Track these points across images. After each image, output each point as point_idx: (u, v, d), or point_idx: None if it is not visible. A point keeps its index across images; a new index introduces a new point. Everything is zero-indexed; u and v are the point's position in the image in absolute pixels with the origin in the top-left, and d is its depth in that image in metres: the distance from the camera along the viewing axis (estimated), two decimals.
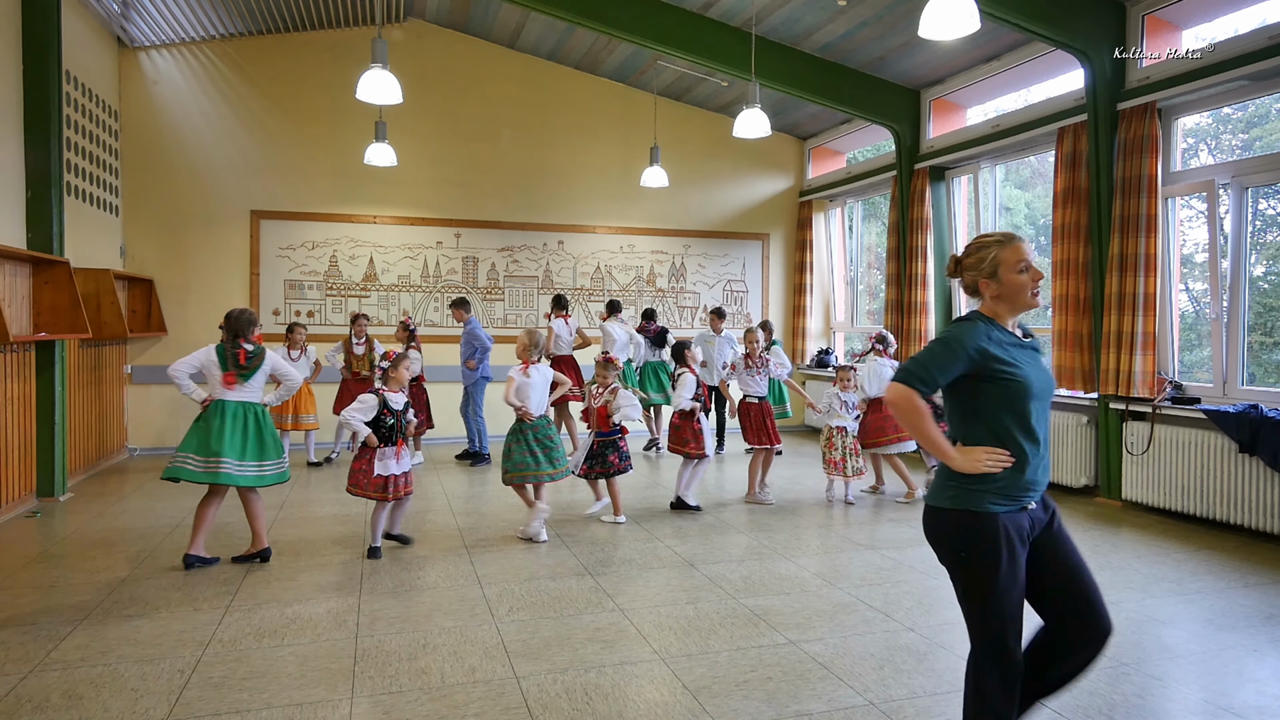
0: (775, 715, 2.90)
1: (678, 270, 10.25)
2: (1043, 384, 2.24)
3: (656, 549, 5.04)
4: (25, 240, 6.00)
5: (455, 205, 9.37)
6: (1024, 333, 2.33)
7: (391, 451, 4.72)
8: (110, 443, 7.83)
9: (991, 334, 2.22)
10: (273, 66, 8.72)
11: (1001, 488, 2.20)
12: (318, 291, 8.98)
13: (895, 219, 8.71)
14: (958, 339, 2.19)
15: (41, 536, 5.21)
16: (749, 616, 3.88)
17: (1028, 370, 2.21)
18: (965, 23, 4.04)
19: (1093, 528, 5.64)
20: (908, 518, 5.89)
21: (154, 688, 3.08)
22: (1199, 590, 4.31)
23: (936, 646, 3.53)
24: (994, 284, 2.25)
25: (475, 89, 9.36)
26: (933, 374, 2.20)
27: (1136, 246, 6.00)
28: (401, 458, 4.76)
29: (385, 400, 4.73)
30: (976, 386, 2.21)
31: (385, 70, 5.37)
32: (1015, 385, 2.18)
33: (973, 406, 2.25)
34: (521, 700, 2.99)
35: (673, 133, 9.86)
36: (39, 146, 6.03)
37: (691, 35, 7.63)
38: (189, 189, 8.53)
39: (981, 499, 2.20)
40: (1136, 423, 6.13)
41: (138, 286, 8.27)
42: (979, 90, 8.05)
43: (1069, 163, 6.58)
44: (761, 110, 6.24)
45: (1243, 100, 5.93)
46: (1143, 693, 3.10)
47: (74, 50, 6.90)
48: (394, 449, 4.72)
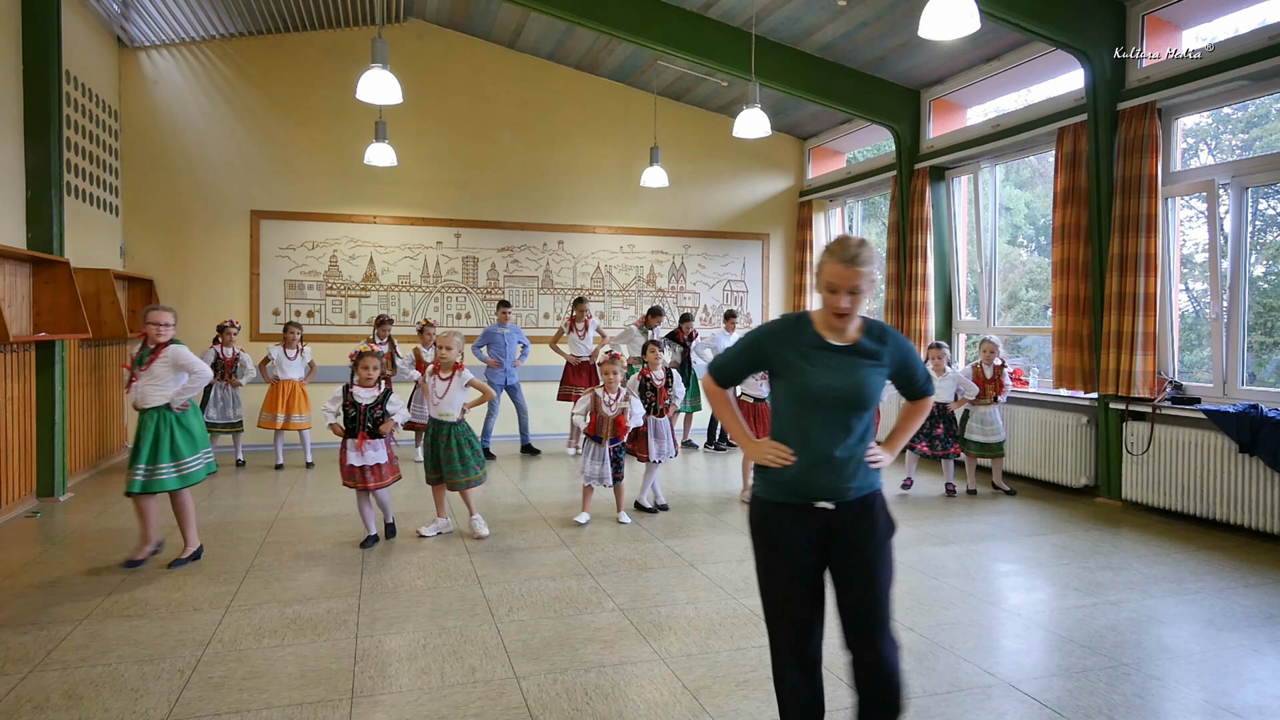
0: (775, 715, 2.89)
1: (678, 270, 10.25)
2: (831, 391, 2.20)
3: (656, 549, 5.04)
4: (25, 240, 6.00)
5: (455, 205, 9.37)
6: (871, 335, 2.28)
7: (352, 443, 4.93)
8: (110, 443, 7.82)
9: (797, 335, 2.27)
10: (273, 66, 8.72)
11: (782, 480, 2.27)
12: (318, 291, 8.98)
13: (895, 219, 8.71)
14: (755, 335, 2.36)
15: (41, 536, 5.21)
16: (749, 616, 3.88)
17: (817, 375, 2.21)
18: (965, 23, 4.04)
19: (1093, 528, 5.64)
20: (907, 518, 5.89)
21: (154, 688, 3.08)
22: (1199, 590, 4.31)
23: (936, 646, 3.53)
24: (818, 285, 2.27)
25: (475, 89, 9.36)
26: (725, 365, 2.42)
27: (1136, 246, 6.00)
28: (365, 450, 4.92)
29: (350, 395, 4.94)
30: (776, 382, 2.33)
31: (385, 70, 5.37)
32: (794, 387, 2.25)
33: (774, 399, 2.37)
34: (521, 700, 2.99)
35: (673, 133, 9.86)
36: (39, 146, 6.03)
37: (691, 35, 7.63)
38: (189, 189, 8.53)
39: (766, 487, 2.31)
40: (1136, 423, 6.13)
41: (138, 286, 8.27)
42: (979, 90, 8.04)
43: (1069, 163, 6.58)
44: (761, 110, 6.24)
45: (1243, 100, 5.93)
46: (1143, 693, 3.10)
47: (74, 50, 6.90)
48: (354, 440, 4.92)
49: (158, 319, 4.45)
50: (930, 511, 6.11)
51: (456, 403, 5.20)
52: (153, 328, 4.43)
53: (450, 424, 5.19)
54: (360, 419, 4.91)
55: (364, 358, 4.96)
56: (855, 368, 2.24)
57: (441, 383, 5.18)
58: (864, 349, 2.26)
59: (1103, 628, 3.76)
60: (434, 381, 5.21)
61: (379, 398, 4.97)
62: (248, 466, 7.64)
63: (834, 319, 2.23)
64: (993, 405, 6.62)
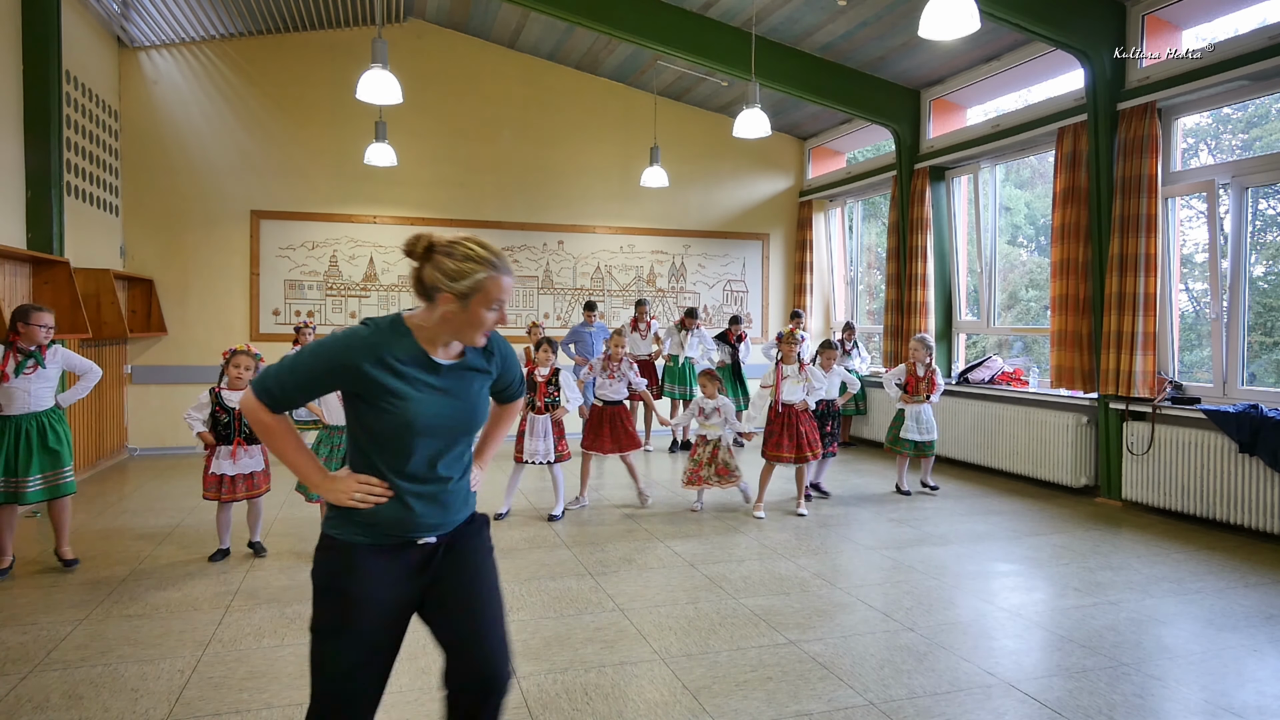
0: (775, 715, 2.90)
1: (678, 270, 10.25)
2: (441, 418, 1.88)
3: (656, 549, 5.04)
4: (25, 240, 6.00)
5: (455, 205, 9.37)
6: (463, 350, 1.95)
7: (225, 450, 4.58)
8: (110, 443, 7.83)
9: (389, 352, 1.84)
10: (273, 66, 8.72)
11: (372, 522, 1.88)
12: (318, 291, 8.98)
13: (895, 219, 8.71)
14: (331, 351, 1.83)
15: (41, 536, 5.21)
16: (749, 616, 3.88)
17: (419, 403, 1.85)
18: (965, 23, 4.04)
19: (1093, 528, 5.64)
20: (908, 518, 5.89)
21: (154, 688, 3.08)
22: (1199, 590, 4.31)
23: (936, 646, 3.53)
24: (456, 305, 1.83)
25: (475, 89, 9.36)
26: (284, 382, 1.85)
27: (1136, 246, 6.00)
28: (239, 457, 4.61)
29: (219, 398, 4.58)
30: (358, 407, 1.87)
31: (385, 70, 5.37)
32: (395, 417, 1.83)
33: (354, 427, 1.91)
34: (521, 700, 2.99)
35: (673, 133, 9.87)
36: (39, 146, 6.04)
37: (691, 35, 7.63)
38: (189, 189, 8.53)
39: (343, 528, 1.89)
40: (1137, 423, 6.13)
41: (138, 286, 8.27)
42: (979, 90, 8.05)
43: (1069, 163, 6.58)
44: (761, 110, 6.24)
45: (1243, 100, 5.93)
46: (1143, 693, 3.10)
47: (74, 50, 6.90)
48: (228, 448, 4.58)
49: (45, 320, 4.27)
50: (930, 511, 6.11)
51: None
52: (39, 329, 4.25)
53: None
54: (235, 424, 4.56)
55: (237, 356, 4.59)
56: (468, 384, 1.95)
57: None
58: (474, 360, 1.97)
59: (1103, 628, 3.76)
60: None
61: None
62: None
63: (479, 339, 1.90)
64: (925, 404, 6.63)
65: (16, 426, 4.25)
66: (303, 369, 1.84)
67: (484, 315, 1.86)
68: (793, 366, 5.91)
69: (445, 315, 1.85)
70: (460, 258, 1.83)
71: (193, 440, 8.48)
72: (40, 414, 4.34)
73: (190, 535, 5.27)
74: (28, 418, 4.29)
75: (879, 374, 9.34)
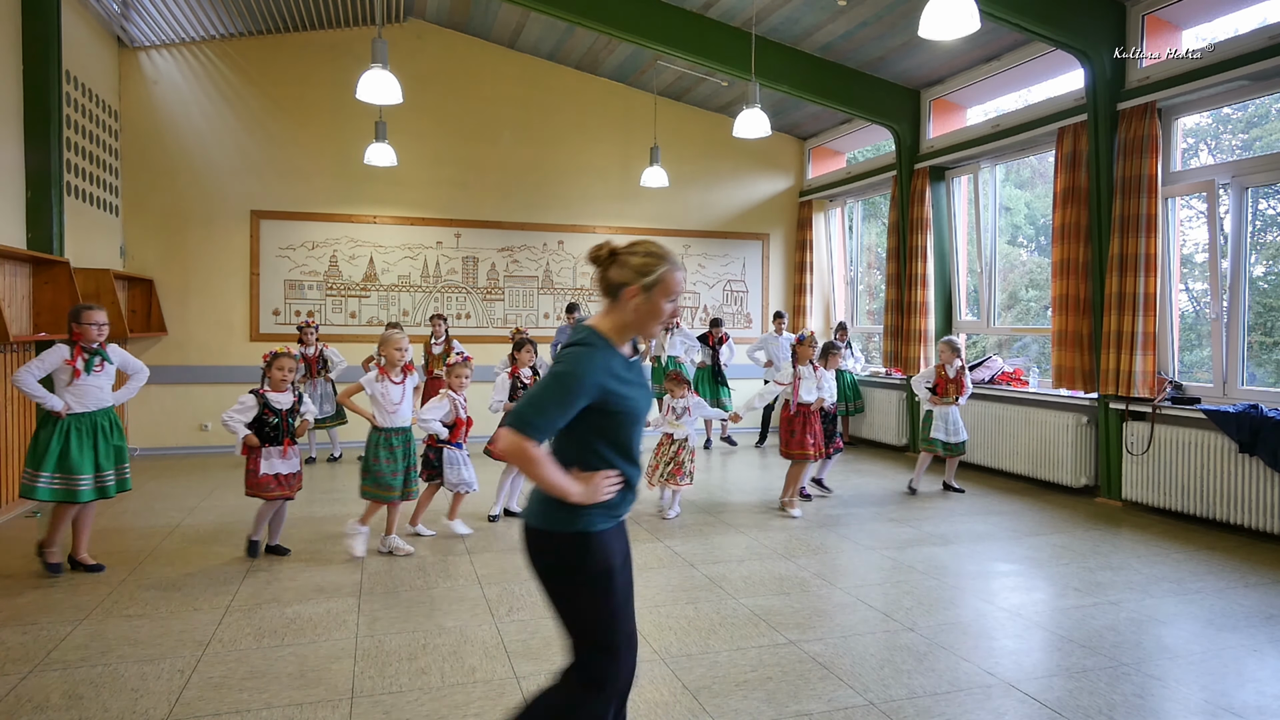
0: (775, 715, 2.90)
1: None
2: (646, 406, 2.14)
3: (656, 549, 5.04)
4: (25, 240, 6.00)
5: (455, 205, 9.37)
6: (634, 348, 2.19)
7: (277, 451, 4.61)
8: None
9: (610, 363, 2.04)
10: (273, 66, 8.72)
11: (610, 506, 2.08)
12: (318, 291, 8.98)
13: (895, 219, 8.71)
14: (579, 376, 1.98)
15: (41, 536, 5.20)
16: (749, 616, 3.88)
17: (638, 397, 2.09)
18: (965, 23, 4.04)
19: (1093, 528, 5.64)
20: (907, 518, 5.89)
21: (154, 688, 3.08)
22: (1199, 590, 4.31)
23: (936, 646, 3.53)
24: (642, 298, 2.04)
25: (475, 89, 9.36)
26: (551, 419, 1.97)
27: (1136, 246, 6.00)
28: (289, 456, 4.66)
29: (266, 401, 4.60)
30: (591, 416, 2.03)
31: (385, 70, 5.37)
32: (625, 416, 2.06)
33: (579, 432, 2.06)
34: (522, 700, 2.99)
35: (673, 133, 9.86)
36: (39, 146, 6.03)
37: (691, 35, 7.63)
38: (189, 189, 8.53)
39: (596, 519, 2.05)
40: (1137, 423, 6.13)
41: (138, 286, 8.27)
42: (979, 90, 8.05)
43: (1069, 163, 6.58)
44: (761, 110, 6.24)
45: (1243, 100, 5.93)
46: (1143, 693, 3.10)
47: (74, 50, 6.90)
48: (279, 448, 4.62)
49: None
50: (930, 511, 6.11)
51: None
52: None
53: (408, 430, 4.93)
54: (283, 424, 4.61)
55: (280, 359, 4.64)
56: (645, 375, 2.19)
57: (395, 387, 4.85)
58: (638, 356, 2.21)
59: (1103, 628, 3.76)
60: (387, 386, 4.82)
61: (296, 399, 4.71)
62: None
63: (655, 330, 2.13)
64: (954, 405, 6.62)
65: (93, 423, 4.36)
66: (561, 400, 1.97)
67: (663, 306, 2.07)
68: (807, 367, 5.97)
69: (634, 308, 2.06)
70: (643, 254, 2.07)
71: (204, 440, 8.48)
72: (108, 410, 4.44)
73: (190, 535, 5.27)
74: (100, 414, 4.40)
75: (878, 374, 9.36)
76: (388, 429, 4.81)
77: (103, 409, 4.40)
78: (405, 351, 4.85)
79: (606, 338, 2.07)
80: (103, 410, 4.40)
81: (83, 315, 4.31)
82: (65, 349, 4.28)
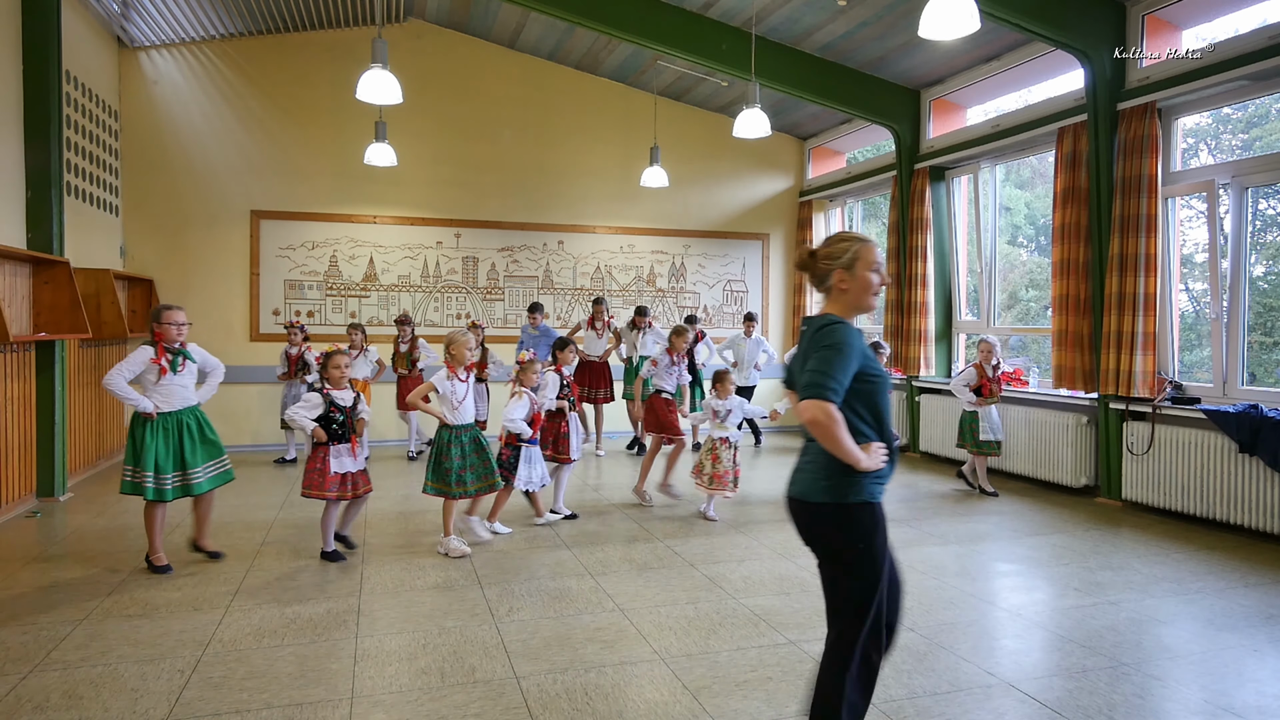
0: (775, 715, 2.90)
1: (678, 270, 10.25)
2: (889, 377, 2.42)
3: (656, 549, 5.04)
4: (25, 240, 5.99)
5: (455, 205, 9.37)
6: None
7: (345, 449, 4.66)
8: (110, 443, 7.82)
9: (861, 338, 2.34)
10: (273, 66, 8.72)
11: (880, 477, 2.33)
12: (318, 291, 8.98)
13: (895, 219, 8.71)
14: (849, 343, 2.23)
15: (41, 536, 5.21)
16: (749, 616, 3.88)
17: (881, 368, 2.35)
18: (965, 23, 4.04)
19: (1093, 528, 5.64)
20: (907, 519, 5.89)
21: (154, 688, 3.08)
22: (1199, 590, 4.31)
23: (936, 646, 3.53)
24: (848, 277, 2.32)
25: (475, 89, 9.36)
26: (841, 382, 2.20)
27: (1136, 246, 6.00)
28: (357, 454, 4.73)
29: (331, 398, 4.64)
30: (856, 388, 2.26)
31: (385, 70, 5.37)
32: (878, 382, 2.31)
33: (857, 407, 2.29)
34: (521, 700, 2.99)
35: (673, 133, 9.86)
36: (39, 146, 6.03)
37: (691, 35, 7.63)
38: (189, 189, 8.53)
39: (874, 490, 2.31)
40: (1137, 423, 6.13)
41: (138, 286, 8.27)
42: (979, 90, 8.05)
43: (1069, 163, 6.58)
44: (761, 110, 6.24)
45: (1243, 100, 5.93)
46: (1143, 693, 3.10)
47: (74, 50, 6.90)
48: (348, 445, 4.67)
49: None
50: (930, 511, 6.11)
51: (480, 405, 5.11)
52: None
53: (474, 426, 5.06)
54: (348, 421, 4.66)
55: (335, 356, 4.72)
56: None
57: (461, 385, 4.96)
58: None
59: (1103, 628, 3.76)
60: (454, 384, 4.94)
61: (357, 397, 4.78)
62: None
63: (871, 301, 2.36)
64: (995, 404, 6.62)
65: (179, 421, 4.44)
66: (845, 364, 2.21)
67: (869, 277, 2.32)
68: None
69: (844, 288, 2.34)
70: (835, 243, 2.37)
71: None
72: (193, 408, 4.52)
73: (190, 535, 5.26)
74: (186, 412, 4.48)
75: None
76: (456, 426, 4.93)
77: (188, 407, 4.49)
78: (473, 351, 5.05)
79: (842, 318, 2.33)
80: (188, 409, 4.48)
81: (163, 315, 4.40)
82: (150, 350, 4.37)
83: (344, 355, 4.79)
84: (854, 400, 2.26)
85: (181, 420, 4.44)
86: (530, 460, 5.33)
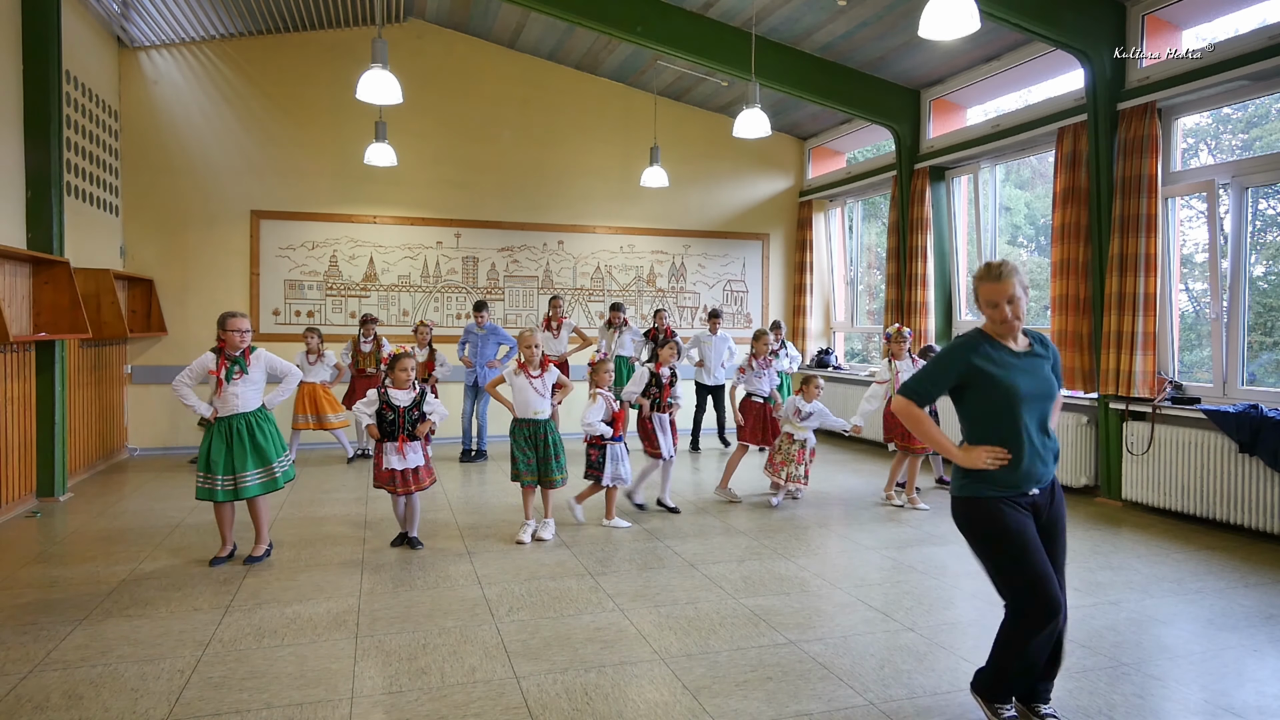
0: (775, 715, 2.90)
1: (678, 270, 10.25)
2: (1035, 389, 2.63)
3: (656, 549, 5.04)
4: (25, 240, 6.00)
5: (455, 205, 9.37)
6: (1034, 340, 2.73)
7: (392, 447, 4.85)
8: (110, 443, 7.83)
9: (982, 348, 2.65)
10: (273, 66, 8.72)
11: (998, 480, 2.64)
12: (318, 291, 8.98)
13: (895, 219, 8.71)
14: (949, 355, 2.68)
15: (41, 536, 5.21)
16: (749, 616, 3.88)
17: (1018, 378, 2.61)
18: (965, 23, 4.04)
19: (1093, 528, 5.64)
20: (908, 518, 5.89)
21: (154, 688, 3.08)
22: (1199, 590, 4.31)
23: (936, 646, 3.53)
24: (980, 304, 2.69)
25: (475, 89, 9.36)
26: (925, 387, 2.72)
27: (1136, 246, 6.00)
28: (406, 453, 4.86)
29: (387, 397, 4.85)
30: (972, 395, 2.67)
31: (385, 70, 5.37)
32: (1002, 391, 2.61)
33: (971, 412, 2.71)
34: (521, 700, 2.99)
35: (673, 133, 9.86)
36: (39, 146, 6.03)
37: (691, 35, 7.63)
38: (189, 189, 8.53)
39: (981, 488, 2.65)
40: (1137, 423, 6.13)
41: (138, 286, 8.27)
42: (979, 90, 8.05)
43: (1069, 163, 6.58)
44: (761, 110, 6.24)
45: (1243, 100, 5.93)
46: (1143, 693, 3.10)
47: (74, 50, 6.90)
48: (394, 444, 4.84)
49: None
50: (930, 511, 6.11)
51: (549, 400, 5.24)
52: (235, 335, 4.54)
53: (545, 422, 5.18)
54: (399, 421, 4.86)
55: (400, 359, 4.92)
56: (1043, 368, 2.69)
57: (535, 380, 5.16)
58: (1042, 350, 2.73)
59: (1103, 628, 3.76)
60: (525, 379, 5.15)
61: (416, 399, 4.91)
62: None
63: (1001, 326, 2.64)
64: None
65: (230, 427, 4.57)
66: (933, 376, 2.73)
67: (987, 311, 2.66)
68: (905, 361, 6.25)
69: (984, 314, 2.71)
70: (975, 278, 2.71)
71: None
72: (249, 414, 4.62)
73: (190, 535, 5.27)
74: (239, 418, 4.58)
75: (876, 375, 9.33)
76: (523, 419, 5.16)
77: (240, 414, 4.57)
78: (538, 348, 5.21)
79: (985, 332, 2.69)
80: (240, 415, 4.57)
81: (228, 322, 4.53)
82: (212, 357, 4.56)
83: (410, 358, 4.97)
84: (971, 408, 2.70)
85: (233, 425, 4.56)
86: (616, 458, 5.48)
